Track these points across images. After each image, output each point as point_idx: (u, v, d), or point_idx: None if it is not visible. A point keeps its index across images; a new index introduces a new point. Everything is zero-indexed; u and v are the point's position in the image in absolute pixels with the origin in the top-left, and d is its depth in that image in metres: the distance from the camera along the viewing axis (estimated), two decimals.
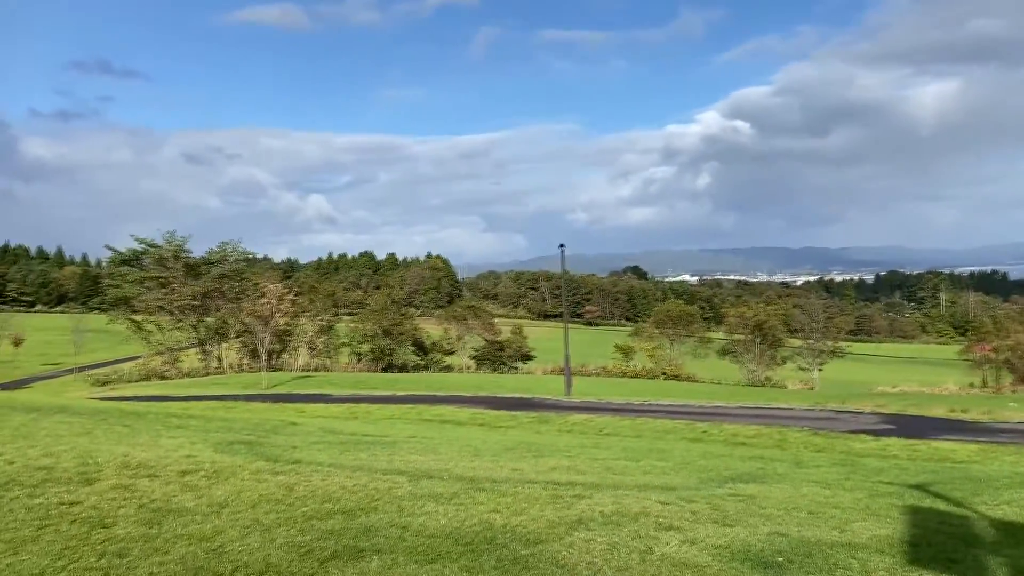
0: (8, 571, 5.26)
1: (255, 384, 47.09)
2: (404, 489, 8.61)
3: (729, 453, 17.74)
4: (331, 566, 5.72)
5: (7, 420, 12.92)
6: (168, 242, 72.43)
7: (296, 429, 17.57)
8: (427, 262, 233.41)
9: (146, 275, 71.68)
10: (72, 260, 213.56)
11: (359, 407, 31.14)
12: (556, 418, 26.69)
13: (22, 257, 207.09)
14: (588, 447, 17.13)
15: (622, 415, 27.42)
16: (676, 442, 21.00)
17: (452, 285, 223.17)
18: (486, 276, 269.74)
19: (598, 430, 24.16)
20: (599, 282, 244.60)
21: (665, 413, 28.17)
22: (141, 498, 7.45)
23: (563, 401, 33.48)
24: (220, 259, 74.36)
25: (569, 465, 12.51)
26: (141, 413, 18.26)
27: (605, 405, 31.65)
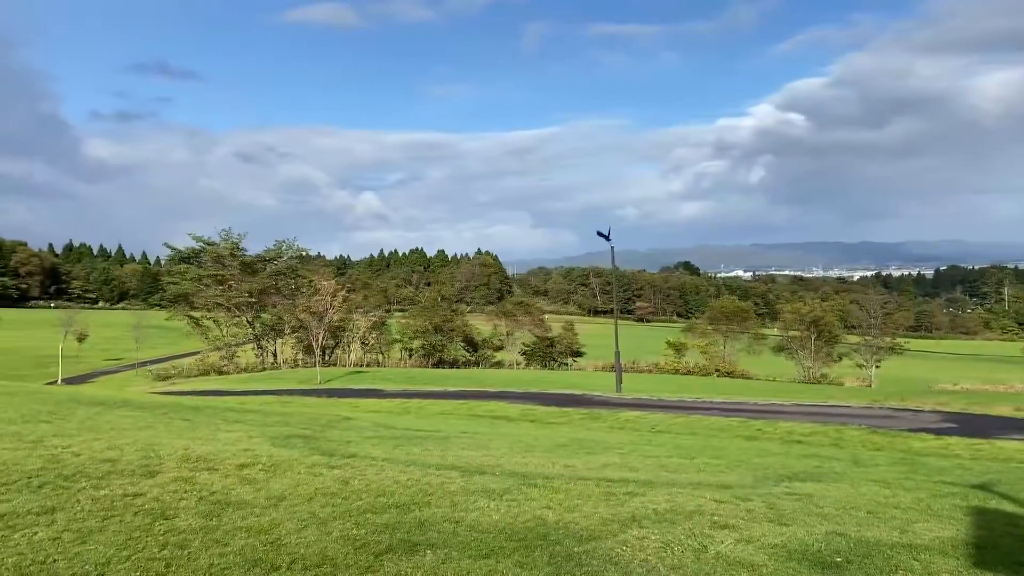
0: (76, 560, 5.42)
1: (310, 379, 47.81)
2: (457, 484, 8.64)
3: (785, 451, 17.45)
4: (386, 560, 5.77)
5: (73, 413, 13.32)
6: (225, 240, 74.06)
7: (350, 424, 17.78)
8: (477, 259, 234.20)
9: (204, 272, 73.40)
10: (133, 258, 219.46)
11: (411, 402, 31.40)
12: (607, 415, 26.55)
13: (85, 255, 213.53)
14: (640, 444, 17.00)
15: (675, 412, 27.15)
16: (730, 440, 20.72)
17: (502, 282, 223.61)
18: (536, 272, 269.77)
19: (650, 427, 23.97)
20: (650, 278, 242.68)
21: (719, 410, 27.81)
22: (201, 491, 7.61)
23: (614, 398, 33.28)
24: (275, 257, 75.78)
25: (621, 462, 12.42)
26: (200, 407, 18.66)
27: (657, 402, 31.38)
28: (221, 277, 71.92)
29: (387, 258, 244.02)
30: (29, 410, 12.91)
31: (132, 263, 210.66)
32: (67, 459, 8.57)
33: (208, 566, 5.44)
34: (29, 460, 8.33)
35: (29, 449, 8.95)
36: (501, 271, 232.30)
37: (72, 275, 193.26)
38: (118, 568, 5.30)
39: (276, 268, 74.68)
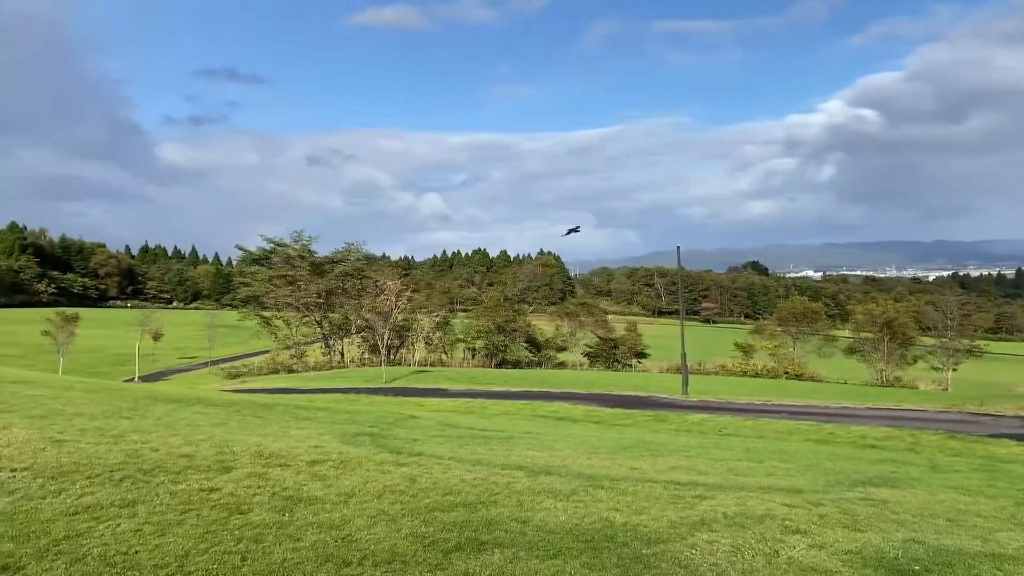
0: (157, 551, 5.59)
1: (376, 378, 48.50)
2: (523, 484, 8.65)
3: (858, 456, 17.00)
4: (455, 557, 5.80)
5: (150, 410, 13.75)
6: (295, 241, 75.73)
7: (416, 423, 17.96)
8: (539, 259, 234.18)
9: (274, 273, 75.13)
10: (205, 259, 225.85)
11: (475, 402, 31.58)
12: (673, 417, 26.26)
13: (160, 257, 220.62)
14: (708, 447, 16.76)
15: (743, 415, 26.71)
16: (800, 443, 20.29)
17: (564, 282, 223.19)
18: (599, 272, 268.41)
19: (717, 430, 23.63)
20: (716, 278, 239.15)
21: (788, 413, 27.26)
22: (274, 486, 7.78)
23: (680, 400, 32.90)
24: (343, 258, 77.13)
25: (689, 465, 12.27)
26: (271, 405, 19.08)
27: (724, 404, 30.91)
28: (291, 278, 73.52)
29: (450, 259, 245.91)
30: (110, 406, 13.37)
31: (205, 264, 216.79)
32: (146, 454, 8.85)
33: (282, 560, 5.56)
34: (111, 454, 8.63)
35: (111, 444, 9.27)
36: (563, 271, 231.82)
37: (148, 276, 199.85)
38: (196, 560, 5.45)
39: (343, 269, 75.98)
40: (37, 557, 5.31)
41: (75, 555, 5.40)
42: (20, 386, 15.22)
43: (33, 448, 8.52)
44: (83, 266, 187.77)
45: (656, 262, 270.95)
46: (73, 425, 10.41)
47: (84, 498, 6.82)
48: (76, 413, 11.74)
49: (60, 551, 5.46)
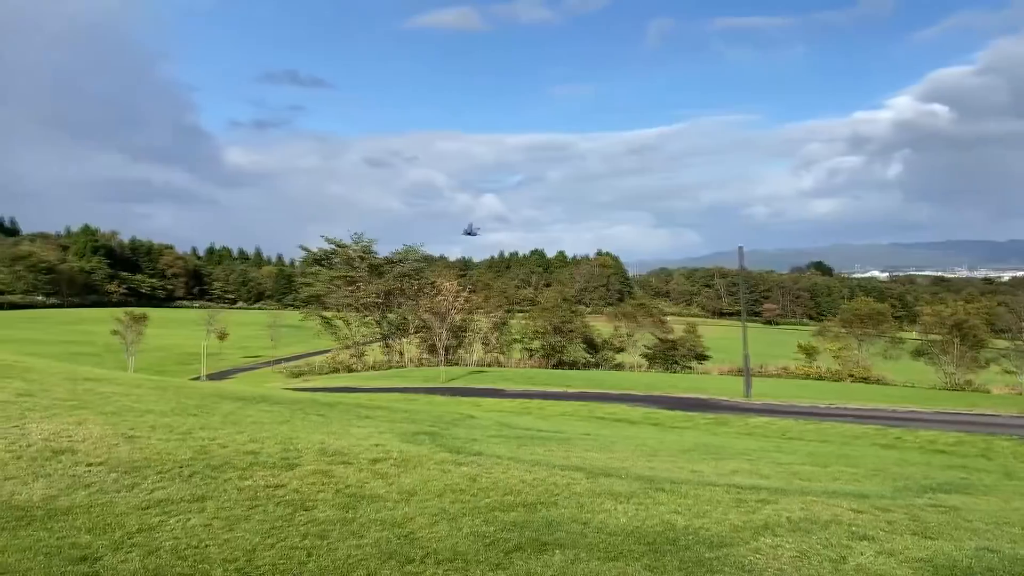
0: (226, 546, 5.73)
1: (434, 377, 48.92)
2: (583, 486, 8.62)
3: (927, 461, 16.52)
4: (515, 557, 5.82)
5: (217, 407, 14.08)
6: (356, 242, 76.98)
7: (474, 422, 18.05)
8: (596, 259, 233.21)
9: (335, 274, 76.46)
10: (268, 260, 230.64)
11: (532, 403, 31.62)
12: (735, 420, 25.91)
13: (225, 258, 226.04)
14: (770, 451, 16.49)
15: (806, 418, 26.21)
16: (866, 448, 19.82)
17: (622, 282, 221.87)
18: (657, 273, 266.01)
19: (780, 433, 23.23)
20: (779, 279, 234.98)
21: (853, 417, 26.66)
22: (337, 484, 7.90)
23: (742, 403, 32.43)
24: (402, 259, 78.10)
25: (751, 468, 12.08)
26: (332, 403, 19.38)
27: (787, 407, 30.37)
28: (351, 278, 74.70)
29: (507, 259, 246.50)
30: (178, 404, 13.73)
31: (268, 265, 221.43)
32: (214, 450, 9.07)
33: (346, 557, 5.65)
34: (180, 451, 8.86)
35: (180, 440, 9.52)
36: (621, 272, 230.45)
37: (213, 277, 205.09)
38: (264, 555, 5.57)
39: (402, 270, 76.92)
40: (113, 549, 5.49)
41: (148, 548, 5.57)
42: (93, 383, 15.74)
43: (107, 444, 8.80)
44: (152, 267, 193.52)
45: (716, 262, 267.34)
46: (144, 422, 10.73)
47: (155, 493, 7.03)
48: (146, 410, 12.09)
49: (134, 544, 5.63)
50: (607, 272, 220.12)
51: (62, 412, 10.70)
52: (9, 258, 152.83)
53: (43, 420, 9.83)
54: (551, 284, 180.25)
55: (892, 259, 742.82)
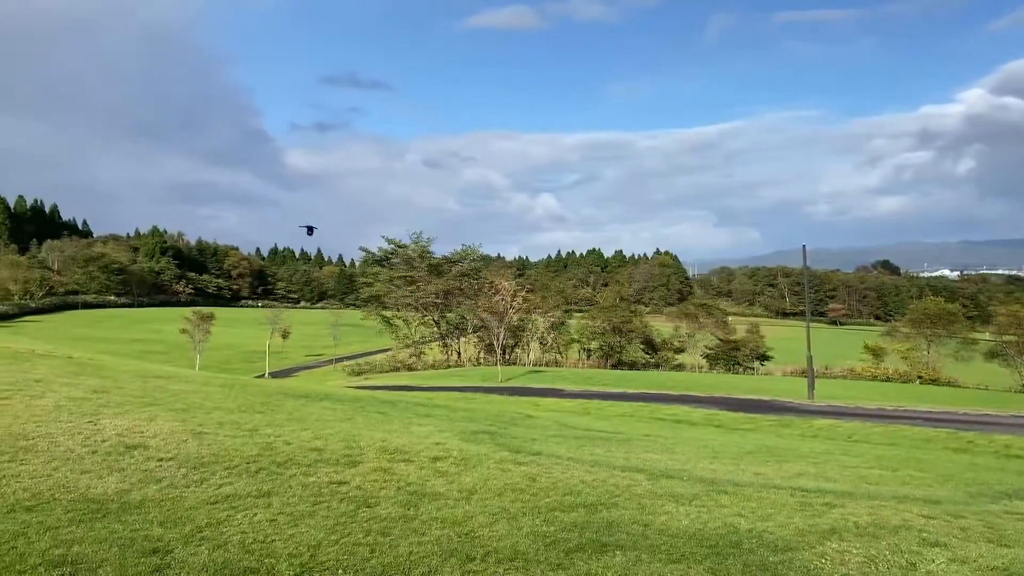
0: (291, 541, 5.84)
1: (491, 377, 49.10)
2: (643, 487, 8.56)
3: (1002, 466, 15.95)
4: (576, 558, 5.80)
5: (282, 405, 14.36)
6: (414, 242, 77.81)
7: (533, 422, 18.07)
8: (655, 259, 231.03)
9: (395, 274, 77.38)
10: (330, 260, 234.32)
11: (591, 403, 31.49)
12: (799, 422, 25.40)
13: (288, 258, 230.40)
14: (836, 454, 16.12)
15: (873, 421, 25.55)
16: (937, 452, 19.23)
17: (682, 282, 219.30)
18: (718, 272, 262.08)
19: (846, 436, 22.70)
20: (844, 278, 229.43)
21: (923, 420, 25.89)
22: (399, 481, 7.99)
23: (806, 404, 31.76)
24: (460, 259, 78.62)
25: (816, 472, 11.83)
26: (393, 401, 19.61)
27: (853, 410, 29.65)
28: (410, 278, 75.50)
29: (564, 259, 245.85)
30: (244, 401, 14.05)
31: (329, 265, 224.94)
32: (279, 447, 9.25)
33: (408, 554, 5.70)
34: (246, 447, 9.07)
35: (246, 437, 9.75)
36: (681, 271, 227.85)
37: (277, 277, 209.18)
38: (328, 551, 5.66)
39: (460, 270, 77.41)
40: (183, 542, 5.64)
41: (217, 541, 5.71)
42: (163, 381, 16.22)
43: (177, 439, 9.06)
44: (217, 268, 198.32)
45: (779, 261, 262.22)
46: (212, 418, 11.00)
47: (223, 488, 7.20)
48: (214, 407, 12.40)
49: (203, 537, 5.78)
50: (666, 272, 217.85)
51: (134, 409, 11.05)
52: (83, 259, 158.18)
53: (116, 416, 10.16)
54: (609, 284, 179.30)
55: (962, 257, 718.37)
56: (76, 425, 9.31)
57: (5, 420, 9.26)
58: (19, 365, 15.29)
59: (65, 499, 6.49)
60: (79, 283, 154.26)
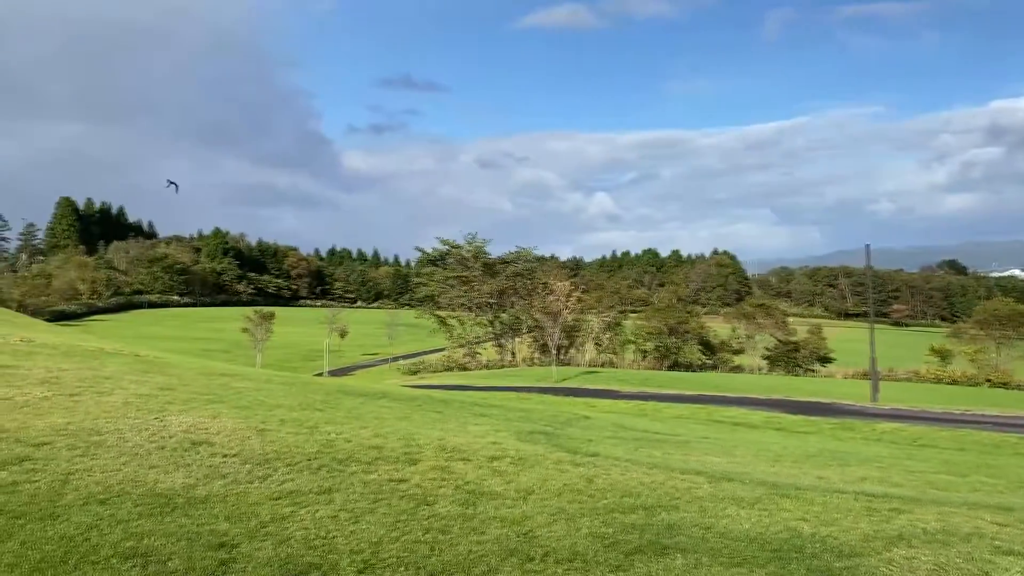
0: (352, 537, 5.91)
1: (546, 377, 49.08)
2: (704, 490, 8.45)
3: None
4: (636, 560, 5.75)
5: (341, 403, 14.56)
6: (469, 243, 78.24)
7: (589, 423, 18.00)
8: (713, 258, 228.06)
9: (449, 274, 77.94)
10: (386, 261, 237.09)
11: (647, 404, 31.25)
12: (861, 425, 24.82)
13: (345, 259, 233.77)
14: (901, 458, 15.70)
15: (939, 425, 24.83)
16: (1009, 457, 18.59)
17: (740, 282, 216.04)
18: (777, 272, 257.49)
19: (911, 440, 22.09)
20: (908, 278, 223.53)
21: (992, 424, 25.07)
22: (457, 480, 8.02)
23: (869, 408, 31.02)
24: (514, 259, 78.80)
25: (881, 476, 11.53)
26: (448, 401, 19.72)
27: (919, 413, 28.87)
28: (464, 278, 75.96)
29: (619, 259, 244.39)
30: (305, 399, 14.28)
31: (385, 266, 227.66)
32: (340, 444, 9.37)
33: (468, 552, 5.72)
34: (308, 444, 9.20)
35: (307, 434, 9.89)
36: (739, 271, 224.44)
37: (334, 277, 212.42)
38: (389, 548, 5.71)
39: (514, 270, 77.58)
40: (248, 537, 5.75)
41: (281, 537, 5.81)
42: (227, 378, 16.58)
43: (240, 436, 9.24)
44: (277, 268, 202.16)
45: (840, 261, 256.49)
46: (274, 416, 11.20)
47: (286, 484, 7.32)
48: (276, 405, 12.63)
49: (268, 532, 5.88)
50: (724, 272, 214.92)
51: (199, 406, 11.31)
52: (148, 260, 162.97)
53: (182, 413, 10.41)
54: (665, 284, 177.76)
55: None
56: (144, 421, 9.57)
57: (77, 416, 9.56)
58: (89, 363, 15.79)
59: (135, 493, 6.67)
60: (144, 283, 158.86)
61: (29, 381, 11.89)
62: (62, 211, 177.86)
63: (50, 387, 11.49)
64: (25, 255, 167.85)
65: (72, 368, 14.22)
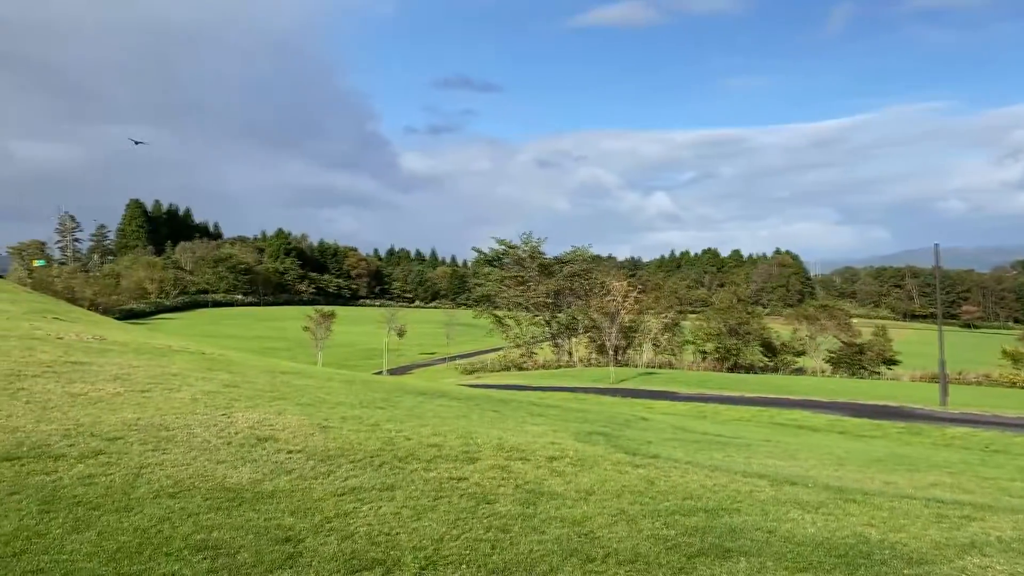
0: (415, 534, 5.98)
1: (603, 378, 48.85)
2: (766, 493, 8.32)
3: None
4: (698, 563, 5.69)
5: (400, 401, 14.72)
6: (525, 243, 78.35)
7: (647, 424, 17.86)
8: (774, 258, 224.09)
9: (506, 275, 78.16)
10: (443, 261, 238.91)
11: (707, 406, 30.88)
12: (930, 430, 24.12)
13: (404, 259, 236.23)
14: (973, 464, 15.21)
15: (1013, 430, 23.97)
16: None
17: (802, 282, 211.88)
18: (841, 272, 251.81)
19: (983, 446, 21.38)
20: (979, 278, 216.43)
21: None
22: (516, 479, 8.05)
23: (938, 412, 30.10)
24: (571, 259, 78.63)
25: (952, 482, 11.20)
26: (506, 400, 19.79)
27: (991, 418, 27.92)
28: (521, 278, 76.08)
29: (678, 259, 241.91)
30: (366, 396, 14.48)
31: (443, 266, 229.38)
32: (400, 442, 9.48)
33: (529, 552, 5.73)
34: (369, 441, 9.33)
35: (369, 432, 10.03)
36: (801, 271, 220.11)
37: (393, 277, 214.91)
38: (450, 545, 5.76)
39: (571, 270, 77.41)
40: (313, 532, 5.86)
41: (345, 532, 5.90)
42: (290, 376, 16.91)
43: (304, 433, 9.42)
44: (337, 268, 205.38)
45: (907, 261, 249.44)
46: (336, 413, 11.39)
47: (349, 480, 7.43)
48: (337, 402, 12.83)
49: (332, 528, 5.99)
50: (786, 272, 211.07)
51: (263, 402, 11.56)
52: (212, 260, 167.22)
53: (247, 409, 10.66)
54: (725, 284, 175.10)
55: None
56: (211, 417, 9.82)
57: (148, 412, 9.86)
58: (158, 360, 16.26)
59: (204, 487, 6.85)
60: (209, 282, 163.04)
61: (102, 377, 12.30)
62: (131, 212, 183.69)
63: (122, 383, 11.87)
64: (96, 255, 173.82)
65: (142, 365, 14.66)
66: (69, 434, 8.24)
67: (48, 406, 9.62)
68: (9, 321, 21.46)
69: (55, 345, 16.53)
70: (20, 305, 28.52)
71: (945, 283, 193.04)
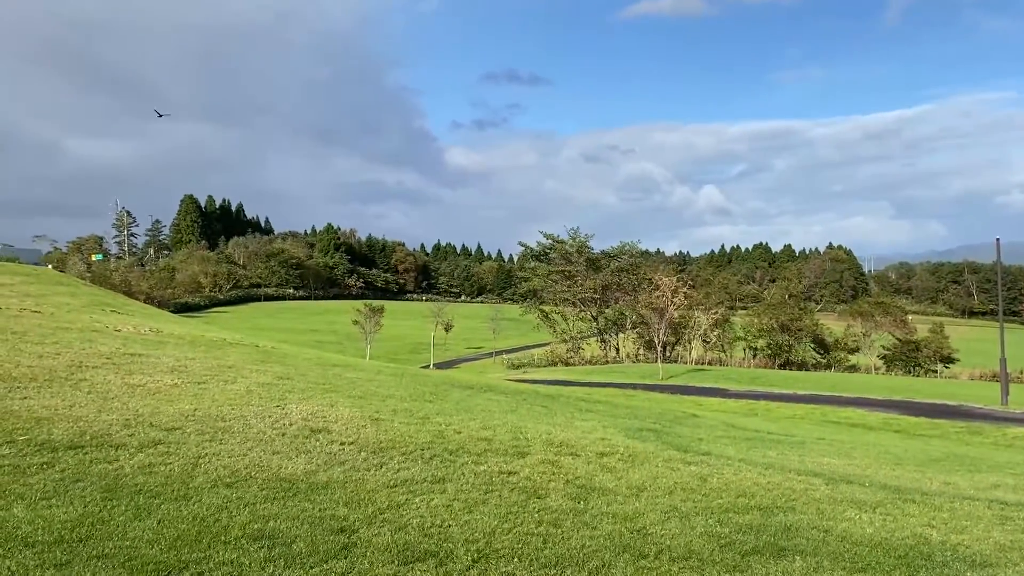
0: (466, 527, 6.00)
1: (652, 374, 48.51)
2: (821, 492, 8.18)
3: None
4: (753, 561, 5.62)
5: (449, 395, 14.81)
6: (572, 238, 78.07)
7: (698, 422, 17.69)
8: (827, 253, 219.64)
9: (553, 269, 77.99)
10: (489, 256, 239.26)
11: (758, 404, 30.45)
12: (991, 429, 23.44)
13: (450, 254, 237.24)
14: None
15: None
16: None
17: (856, 278, 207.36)
18: (896, 268, 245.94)
19: None
20: None
21: None
22: (566, 474, 8.04)
23: (998, 411, 29.24)
24: (618, 254, 78.16)
25: (1015, 483, 10.88)
26: (554, 395, 19.76)
27: None
28: (568, 273, 75.85)
29: (728, 254, 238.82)
30: (415, 390, 14.60)
31: (489, 261, 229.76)
32: (450, 435, 9.54)
33: (580, 547, 5.71)
34: (420, 434, 9.41)
35: (419, 424, 10.11)
36: (855, 267, 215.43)
37: (439, 272, 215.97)
38: (502, 539, 5.77)
39: (619, 265, 76.95)
40: (367, 523, 5.92)
41: (398, 524, 5.95)
42: (341, 369, 17.12)
43: (356, 425, 9.53)
44: (385, 263, 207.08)
45: (965, 256, 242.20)
46: (386, 406, 11.50)
47: (400, 472, 7.50)
48: (388, 395, 12.96)
49: (385, 519, 6.04)
50: (840, 267, 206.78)
51: (316, 395, 11.73)
52: (264, 255, 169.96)
53: (301, 402, 10.82)
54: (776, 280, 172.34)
55: None
56: (266, 409, 9.99)
57: (204, 403, 10.07)
58: (213, 353, 16.60)
59: (260, 477, 6.98)
60: (261, 277, 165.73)
61: (159, 369, 12.61)
62: (186, 208, 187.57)
63: (179, 375, 12.15)
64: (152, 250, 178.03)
65: (198, 357, 14.98)
66: (129, 424, 8.46)
67: (108, 396, 9.88)
68: (70, 314, 22.12)
69: (114, 337, 16.98)
70: (80, 298, 29.36)
71: (1006, 279, 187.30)
